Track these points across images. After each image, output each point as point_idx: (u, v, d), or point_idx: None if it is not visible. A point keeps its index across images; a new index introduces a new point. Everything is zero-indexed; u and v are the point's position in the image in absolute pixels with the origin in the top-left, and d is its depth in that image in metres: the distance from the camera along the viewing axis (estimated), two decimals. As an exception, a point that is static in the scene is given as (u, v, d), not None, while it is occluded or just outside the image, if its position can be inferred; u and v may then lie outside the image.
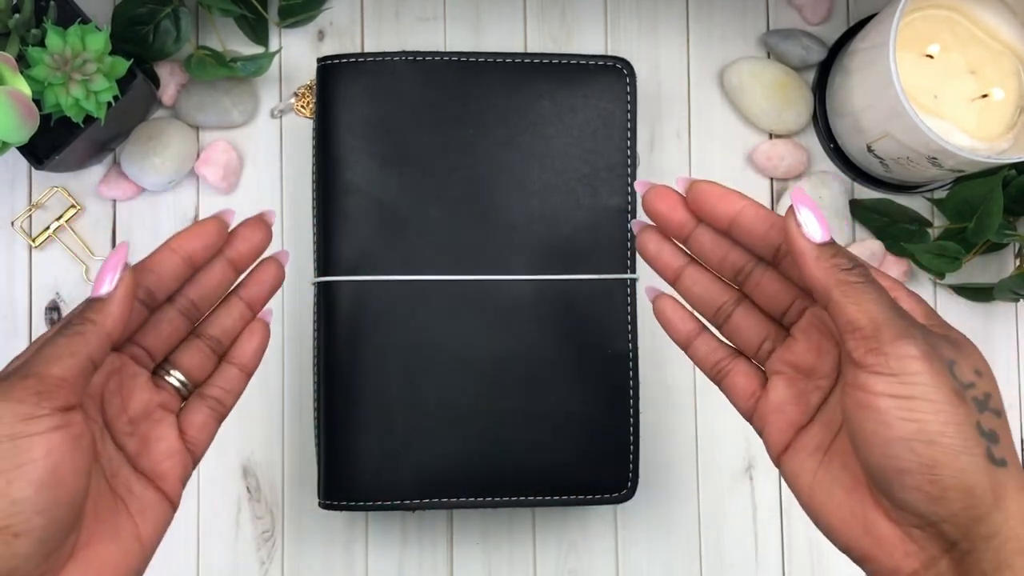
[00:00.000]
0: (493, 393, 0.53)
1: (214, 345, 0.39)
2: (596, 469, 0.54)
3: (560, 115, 0.54)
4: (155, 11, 0.56)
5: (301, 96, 0.60)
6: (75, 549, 0.33)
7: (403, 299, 0.53)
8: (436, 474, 0.53)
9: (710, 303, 0.38)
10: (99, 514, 0.34)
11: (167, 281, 0.36)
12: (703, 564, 0.60)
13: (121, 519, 0.35)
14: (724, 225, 0.35)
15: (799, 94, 0.61)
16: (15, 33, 0.51)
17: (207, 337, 0.39)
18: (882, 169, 0.59)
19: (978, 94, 0.55)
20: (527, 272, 0.53)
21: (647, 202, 0.37)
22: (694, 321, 0.39)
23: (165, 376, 0.38)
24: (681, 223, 0.37)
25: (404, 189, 0.53)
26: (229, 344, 0.39)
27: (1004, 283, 0.58)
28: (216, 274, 0.38)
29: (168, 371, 0.38)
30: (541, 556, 0.60)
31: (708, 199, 0.35)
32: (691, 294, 0.38)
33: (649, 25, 0.62)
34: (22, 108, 0.48)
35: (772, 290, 0.37)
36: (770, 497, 0.61)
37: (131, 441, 0.36)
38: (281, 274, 0.40)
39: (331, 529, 0.59)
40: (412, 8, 0.61)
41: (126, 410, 0.36)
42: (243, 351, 0.39)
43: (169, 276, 0.36)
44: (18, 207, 0.59)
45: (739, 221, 0.35)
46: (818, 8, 0.62)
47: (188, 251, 0.36)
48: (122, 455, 0.36)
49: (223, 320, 0.39)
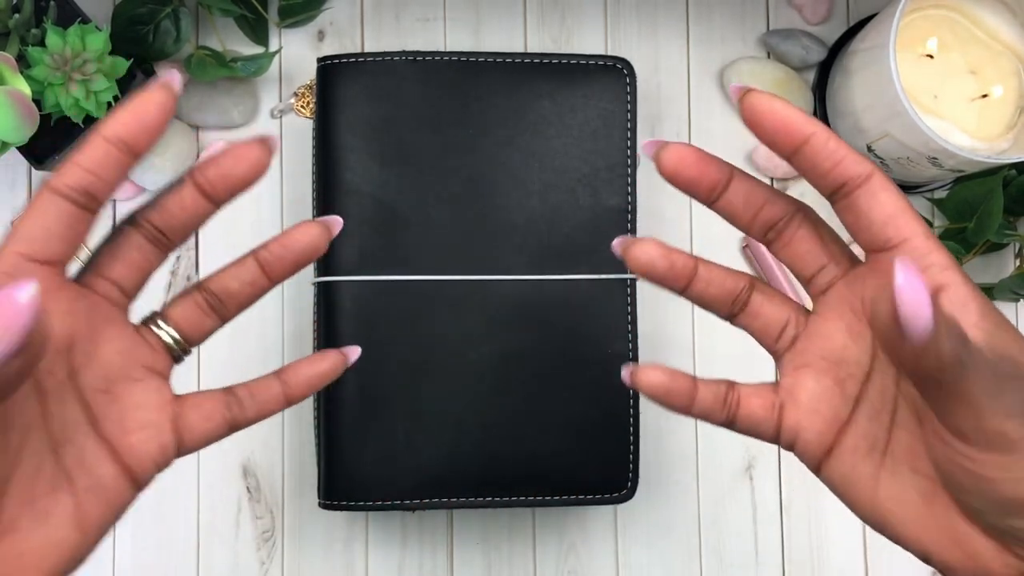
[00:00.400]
0: (493, 393, 0.53)
1: (213, 302, 0.32)
2: (596, 469, 0.54)
3: (560, 115, 0.54)
4: (155, 11, 0.56)
5: (301, 96, 0.60)
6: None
7: (403, 299, 0.53)
8: (436, 474, 0.53)
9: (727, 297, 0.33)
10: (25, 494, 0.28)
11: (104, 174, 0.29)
12: (703, 564, 0.60)
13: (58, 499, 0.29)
14: (787, 151, 0.30)
15: (799, 94, 0.61)
16: (15, 33, 0.51)
17: (205, 291, 0.32)
18: (882, 169, 0.59)
19: (978, 94, 0.55)
20: (527, 272, 0.53)
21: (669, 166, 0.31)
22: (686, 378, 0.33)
23: (153, 328, 0.32)
24: (715, 183, 0.31)
25: (404, 189, 0.53)
26: (234, 309, 0.32)
27: (1004, 283, 0.58)
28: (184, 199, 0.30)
29: (157, 323, 0.32)
30: (541, 556, 0.60)
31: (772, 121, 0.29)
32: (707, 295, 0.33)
33: (649, 25, 0.62)
34: (22, 108, 0.48)
35: (803, 249, 0.32)
36: (770, 497, 0.61)
37: (101, 400, 0.30)
38: (319, 244, 0.32)
39: (331, 529, 0.59)
40: (412, 8, 0.61)
41: (99, 359, 0.30)
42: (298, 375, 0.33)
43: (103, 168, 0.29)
44: (18, 207, 0.59)
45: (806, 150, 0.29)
46: (818, 8, 0.62)
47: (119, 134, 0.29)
48: (85, 415, 0.30)
49: (228, 281, 0.32)
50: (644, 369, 0.33)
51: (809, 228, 0.32)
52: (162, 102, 0.29)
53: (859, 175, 0.29)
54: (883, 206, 0.29)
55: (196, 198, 0.30)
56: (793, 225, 0.32)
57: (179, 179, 0.31)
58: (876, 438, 0.30)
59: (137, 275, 0.31)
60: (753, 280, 0.33)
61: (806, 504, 0.60)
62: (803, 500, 0.60)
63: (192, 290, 0.32)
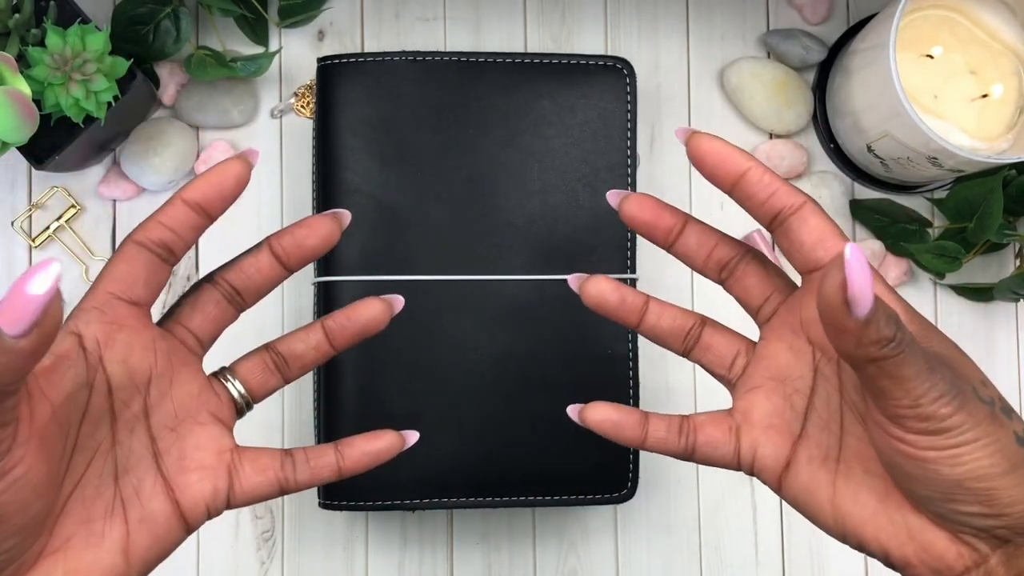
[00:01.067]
0: (493, 393, 0.53)
1: (279, 363, 0.35)
2: (596, 469, 0.54)
3: (560, 115, 0.54)
4: (155, 11, 0.56)
5: (301, 96, 0.60)
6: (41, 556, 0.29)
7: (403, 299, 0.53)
8: (436, 474, 0.53)
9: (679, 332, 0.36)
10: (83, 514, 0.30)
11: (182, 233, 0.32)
12: (703, 564, 0.60)
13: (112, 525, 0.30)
14: (727, 185, 0.33)
15: (799, 94, 0.61)
16: (15, 33, 0.51)
17: (274, 351, 0.35)
18: (882, 169, 0.59)
19: (978, 94, 0.55)
20: (527, 272, 0.53)
21: (627, 214, 0.35)
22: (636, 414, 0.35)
23: (222, 380, 0.34)
24: (668, 229, 0.35)
25: (404, 189, 0.53)
26: (296, 371, 0.35)
27: (1004, 283, 0.58)
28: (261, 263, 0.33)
29: (226, 376, 0.34)
30: (541, 556, 0.60)
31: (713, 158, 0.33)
32: (659, 329, 0.36)
33: (649, 25, 0.62)
34: (22, 108, 0.48)
35: (751, 283, 0.35)
36: (770, 497, 0.61)
37: (167, 436, 0.32)
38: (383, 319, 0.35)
39: (331, 529, 0.59)
40: (412, 8, 0.61)
41: (172, 397, 0.32)
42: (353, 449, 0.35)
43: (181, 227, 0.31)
44: (18, 207, 0.59)
45: (743, 184, 0.32)
46: (818, 8, 0.62)
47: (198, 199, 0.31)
48: (150, 449, 0.32)
49: (296, 344, 0.35)
50: (592, 406, 0.36)
51: (757, 265, 0.35)
52: (238, 174, 0.32)
53: (792, 205, 0.32)
54: (813, 230, 0.32)
55: (272, 264, 0.33)
56: (743, 264, 0.35)
57: (257, 245, 0.34)
58: (829, 447, 0.33)
59: (213, 327, 0.34)
60: (704, 318, 0.36)
61: (806, 504, 0.60)
62: (803, 500, 0.60)
63: (261, 350, 0.35)
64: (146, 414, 0.32)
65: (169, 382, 0.32)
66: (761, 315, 0.35)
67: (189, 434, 0.32)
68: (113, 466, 0.31)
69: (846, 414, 0.33)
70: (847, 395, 0.33)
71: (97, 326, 0.30)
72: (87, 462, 0.30)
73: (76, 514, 0.30)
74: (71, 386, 0.29)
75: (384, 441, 0.35)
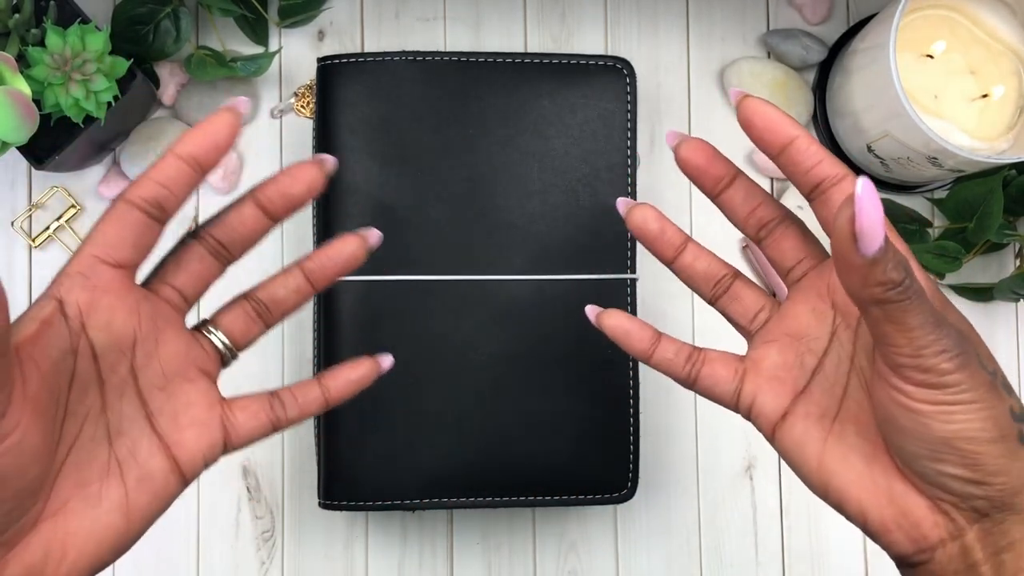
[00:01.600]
0: (493, 393, 0.53)
1: (260, 310, 0.35)
2: (596, 469, 0.54)
3: (560, 115, 0.54)
4: (155, 11, 0.56)
5: (301, 96, 0.60)
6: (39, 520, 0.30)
7: (403, 299, 0.53)
8: (436, 474, 0.53)
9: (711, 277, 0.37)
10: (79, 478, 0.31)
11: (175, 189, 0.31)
12: (703, 564, 0.60)
13: (109, 486, 0.31)
14: (775, 151, 0.34)
15: (799, 94, 0.61)
16: (15, 33, 0.51)
17: (254, 299, 0.35)
18: (882, 169, 0.59)
19: (978, 94, 0.55)
20: (527, 272, 0.53)
21: (682, 155, 0.35)
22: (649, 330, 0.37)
23: (206, 332, 0.34)
24: (718, 178, 0.35)
25: (404, 189, 0.53)
26: (278, 316, 0.35)
27: (1004, 283, 0.58)
28: (244, 214, 0.33)
29: (209, 328, 0.34)
30: (541, 556, 0.60)
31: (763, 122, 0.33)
32: (693, 270, 0.37)
33: (649, 25, 0.62)
34: (22, 108, 0.48)
35: (788, 245, 0.36)
36: (770, 498, 0.61)
37: (158, 396, 0.32)
38: (360, 255, 0.36)
39: (331, 529, 0.59)
40: (412, 8, 0.61)
41: (158, 358, 0.32)
42: (337, 379, 0.36)
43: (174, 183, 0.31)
44: (18, 207, 0.59)
45: (791, 151, 0.33)
46: (818, 8, 0.62)
47: (192, 152, 0.31)
48: (142, 410, 0.32)
49: (276, 289, 0.35)
50: (609, 312, 0.37)
51: (794, 229, 0.36)
52: (231, 123, 0.32)
53: (835, 175, 0.33)
54: None
55: (256, 215, 0.33)
56: (782, 226, 0.36)
57: (241, 197, 0.33)
58: (827, 407, 0.34)
59: (198, 284, 0.34)
60: (738, 272, 0.37)
61: (806, 504, 0.60)
62: (803, 500, 0.60)
63: (240, 298, 0.35)
64: (134, 377, 0.32)
65: (155, 343, 0.32)
66: (791, 276, 0.36)
67: (180, 392, 0.33)
68: (105, 430, 0.31)
69: (852, 380, 0.34)
70: (857, 362, 0.33)
71: (80, 292, 0.30)
72: (79, 427, 0.31)
73: (71, 478, 0.30)
74: (56, 352, 0.30)
75: (364, 368, 0.36)
